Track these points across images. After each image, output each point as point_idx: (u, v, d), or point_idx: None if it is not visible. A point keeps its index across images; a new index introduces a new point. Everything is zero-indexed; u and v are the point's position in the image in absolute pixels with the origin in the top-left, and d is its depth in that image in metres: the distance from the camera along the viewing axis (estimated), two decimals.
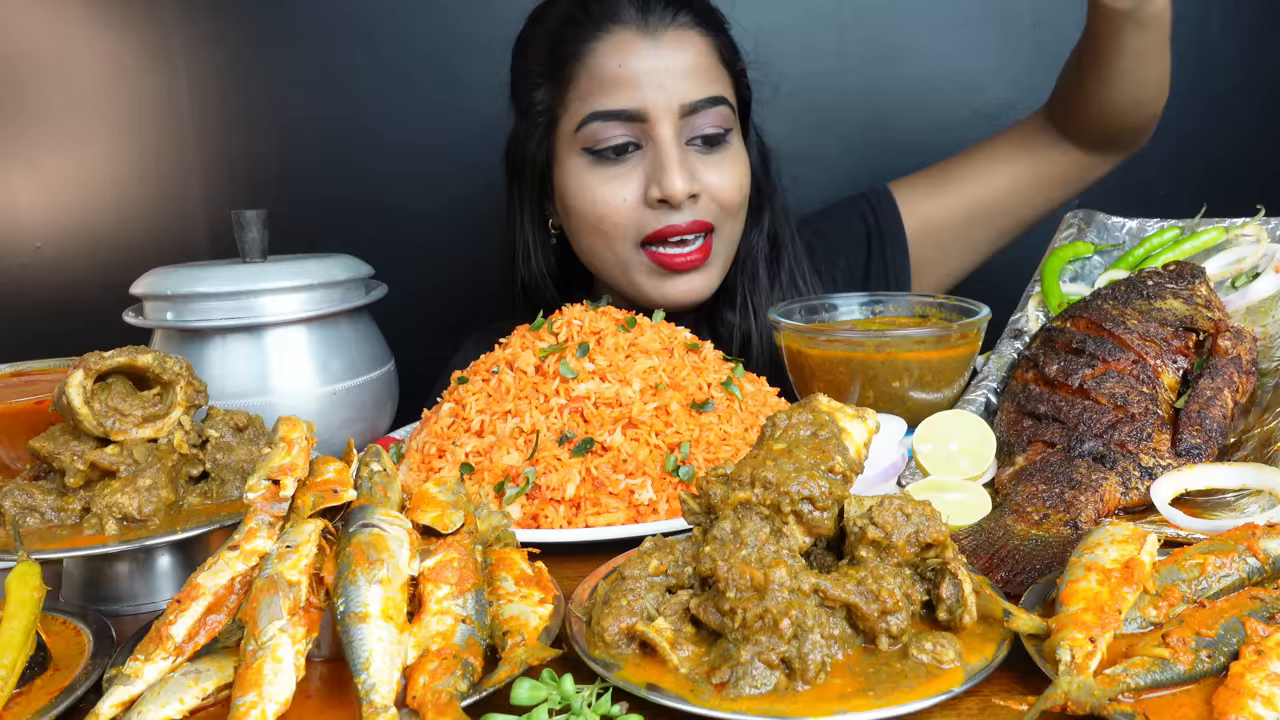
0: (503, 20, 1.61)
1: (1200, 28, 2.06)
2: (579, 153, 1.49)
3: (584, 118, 1.47)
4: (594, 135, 1.47)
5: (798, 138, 1.74)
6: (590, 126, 1.46)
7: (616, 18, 1.46)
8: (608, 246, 1.53)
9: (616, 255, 1.53)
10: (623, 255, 1.52)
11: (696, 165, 1.49)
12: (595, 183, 1.49)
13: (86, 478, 0.95)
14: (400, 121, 2.12)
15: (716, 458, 1.11)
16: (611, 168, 1.48)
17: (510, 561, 0.85)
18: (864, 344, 1.25)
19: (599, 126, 1.46)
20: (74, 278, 2.13)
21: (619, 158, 1.48)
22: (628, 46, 1.45)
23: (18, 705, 0.74)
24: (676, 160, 1.45)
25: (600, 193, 1.49)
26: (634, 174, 1.48)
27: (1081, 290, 1.36)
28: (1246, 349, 1.12)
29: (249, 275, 1.27)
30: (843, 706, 0.68)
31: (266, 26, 2.10)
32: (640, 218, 1.49)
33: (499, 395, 1.18)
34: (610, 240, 1.52)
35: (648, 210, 1.48)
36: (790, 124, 1.75)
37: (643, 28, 1.45)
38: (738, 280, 1.64)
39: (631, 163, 1.48)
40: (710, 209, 1.51)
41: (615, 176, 1.48)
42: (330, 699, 0.74)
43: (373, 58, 2.08)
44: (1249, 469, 0.97)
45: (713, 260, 1.53)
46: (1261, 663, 0.67)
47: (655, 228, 1.48)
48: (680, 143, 1.47)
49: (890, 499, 0.78)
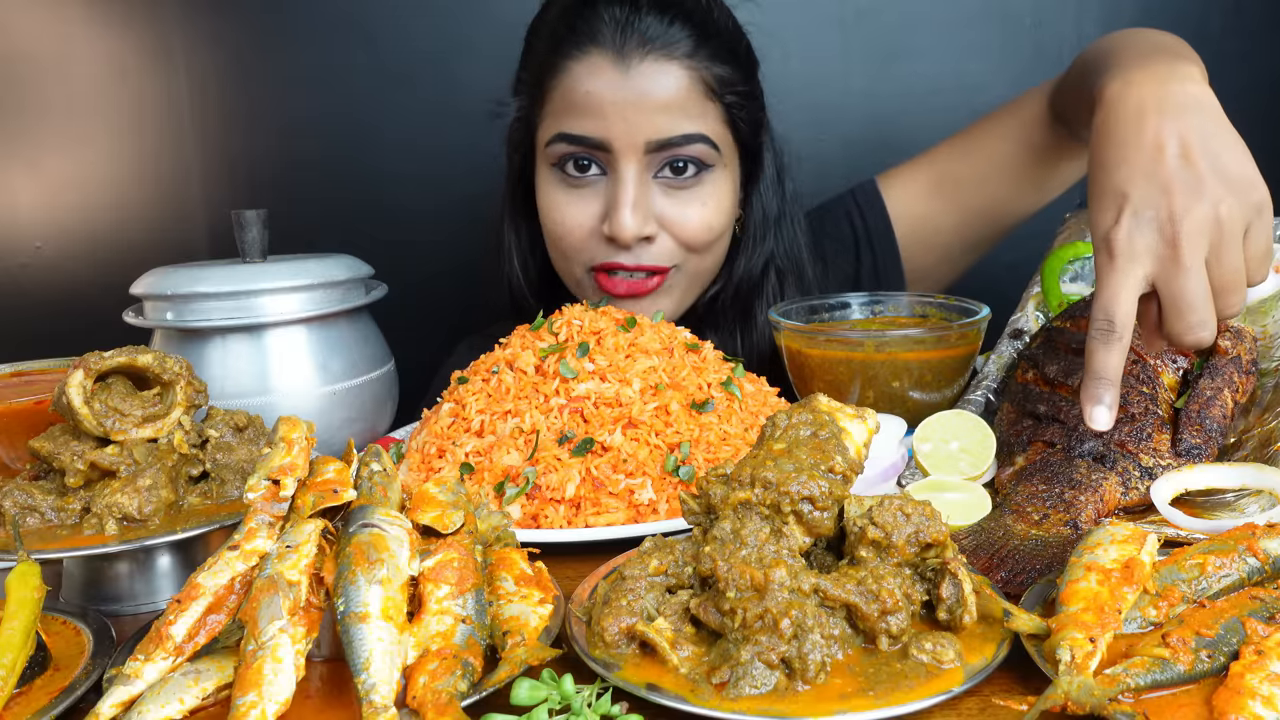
0: (502, 21, 1.61)
1: (1200, 28, 2.06)
2: (549, 167, 1.48)
3: (551, 136, 1.44)
4: (557, 154, 1.44)
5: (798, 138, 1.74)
6: (555, 146, 1.44)
7: (595, 39, 1.41)
8: (565, 264, 1.52)
9: (572, 274, 1.52)
10: (577, 274, 1.51)
11: (659, 200, 1.44)
12: (559, 201, 1.47)
13: (86, 478, 0.95)
14: (400, 121, 2.12)
15: (716, 458, 1.11)
16: (574, 190, 1.45)
17: (510, 561, 0.85)
18: (864, 344, 1.25)
19: (563, 148, 1.43)
20: (74, 278, 2.13)
21: (583, 175, 1.44)
22: (599, 73, 1.40)
23: (18, 705, 0.74)
24: (630, 201, 1.40)
25: (561, 212, 1.47)
26: (594, 200, 1.45)
27: (1081, 290, 1.36)
28: (1246, 349, 1.12)
29: (249, 275, 1.27)
30: (843, 706, 0.69)
31: (267, 27, 2.10)
32: (592, 246, 1.46)
33: (499, 395, 1.18)
34: (565, 258, 1.50)
35: (600, 240, 1.45)
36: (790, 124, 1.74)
37: (618, 55, 1.39)
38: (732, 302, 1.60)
39: (594, 186, 1.45)
40: (668, 249, 1.46)
41: (576, 200, 1.45)
42: (330, 699, 0.74)
43: (373, 58, 2.08)
44: (1249, 469, 0.97)
45: (666, 291, 1.49)
46: (1261, 663, 0.67)
47: (603, 260, 1.46)
48: (643, 178, 1.42)
49: (890, 499, 0.78)
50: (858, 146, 2.10)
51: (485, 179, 2.08)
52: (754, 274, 1.58)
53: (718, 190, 1.47)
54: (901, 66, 2.09)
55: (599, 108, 1.39)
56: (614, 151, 1.41)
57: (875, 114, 2.10)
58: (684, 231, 1.45)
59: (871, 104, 2.10)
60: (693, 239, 1.46)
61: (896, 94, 2.09)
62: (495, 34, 1.62)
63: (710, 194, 1.46)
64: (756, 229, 1.58)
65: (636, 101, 1.39)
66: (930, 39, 2.09)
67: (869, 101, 2.10)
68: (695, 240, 1.46)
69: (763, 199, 1.57)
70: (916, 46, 2.09)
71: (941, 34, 2.09)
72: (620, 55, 1.39)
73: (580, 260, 1.48)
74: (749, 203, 1.58)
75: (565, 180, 1.46)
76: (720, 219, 1.48)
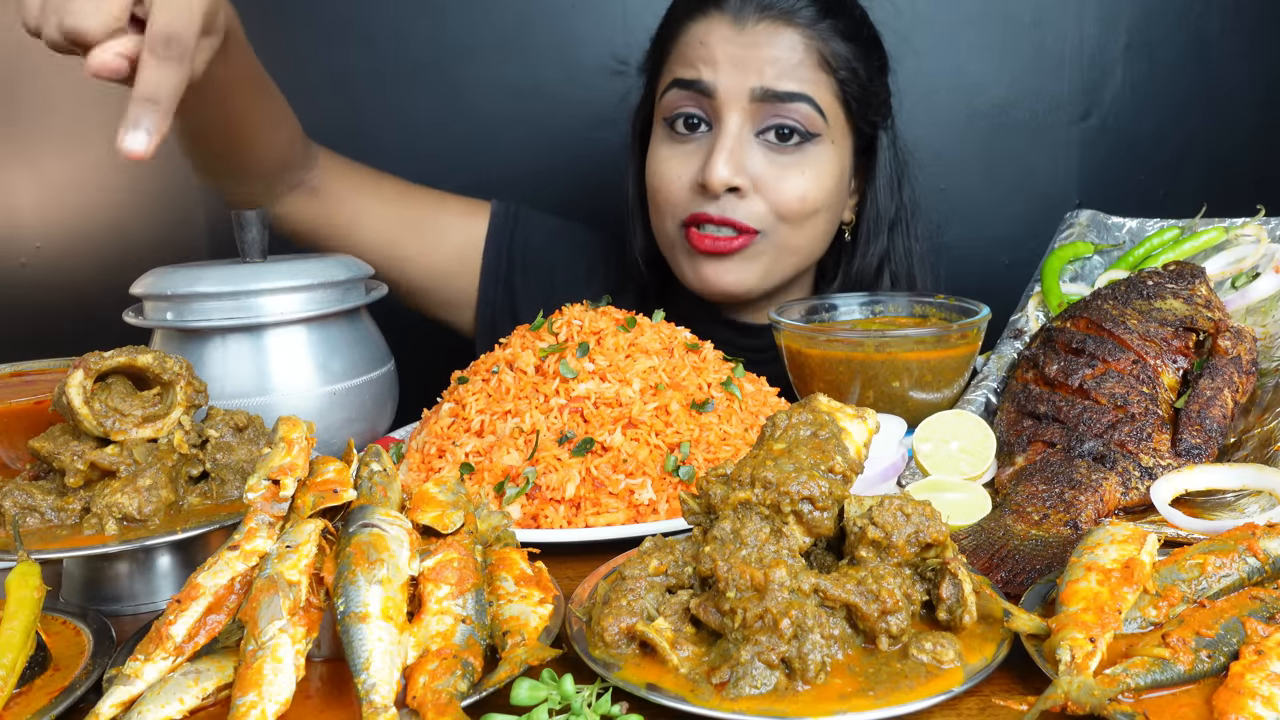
0: (503, 23, 1.62)
1: (1200, 28, 2.06)
2: (662, 123, 1.53)
3: (665, 86, 1.51)
4: (670, 104, 1.50)
5: None
6: (669, 95, 1.50)
7: (718, 4, 1.48)
8: (659, 220, 1.56)
9: (665, 231, 1.56)
10: (669, 232, 1.54)
11: (758, 159, 1.46)
12: (664, 156, 1.52)
13: (86, 478, 0.95)
14: (400, 123, 2.11)
15: (716, 458, 1.11)
16: (680, 145, 1.50)
17: (510, 561, 0.85)
18: (864, 344, 1.25)
19: (674, 95, 1.49)
20: (74, 278, 2.12)
21: (690, 134, 1.49)
22: (716, 29, 1.47)
23: (18, 705, 0.74)
24: (728, 148, 1.44)
25: (664, 166, 1.51)
26: (696, 155, 1.49)
27: (1081, 290, 1.36)
28: (1246, 349, 1.12)
29: (249, 275, 1.27)
30: (843, 706, 0.69)
31: (267, 27, 2.09)
32: (686, 199, 1.50)
33: (499, 395, 1.18)
34: (661, 214, 1.54)
35: (694, 193, 1.49)
36: None
37: (736, 16, 1.46)
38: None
39: (699, 142, 1.50)
40: (758, 213, 1.47)
41: (680, 154, 1.50)
42: (330, 699, 0.74)
43: (373, 59, 2.08)
44: (1249, 470, 0.97)
45: (751, 257, 1.50)
46: (1261, 663, 0.67)
47: (693, 211, 1.49)
48: (744, 132, 1.46)
49: (890, 499, 0.78)
50: None
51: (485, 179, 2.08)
52: (868, 272, 1.61)
53: (820, 164, 1.49)
54: (901, 66, 2.09)
55: (711, 57, 1.45)
56: (719, 98, 1.45)
57: None
58: (777, 196, 1.47)
59: None
60: (785, 205, 1.48)
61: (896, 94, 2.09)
62: (495, 36, 1.63)
63: (811, 165, 1.48)
64: (870, 226, 1.60)
65: (746, 54, 1.44)
66: (930, 39, 2.09)
67: None
68: (787, 207, 1.48)
69: (878, 197, 1.59)
70: (916, 46, 2.09)
71: (941, 34, 2.09)
72: (738, 16, 1.46)
73: (675, 214, 1.52)
74: (865, 199, 1.61)
75: (673, 137, 1.51)
76: (818, 193, 1.49)
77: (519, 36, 1.69)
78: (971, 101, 2.11)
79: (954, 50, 2.09)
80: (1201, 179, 2.13)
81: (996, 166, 2.14)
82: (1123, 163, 2.13)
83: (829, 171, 1.50)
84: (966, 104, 2.11)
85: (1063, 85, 2.09)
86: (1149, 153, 1.90)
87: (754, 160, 1.46)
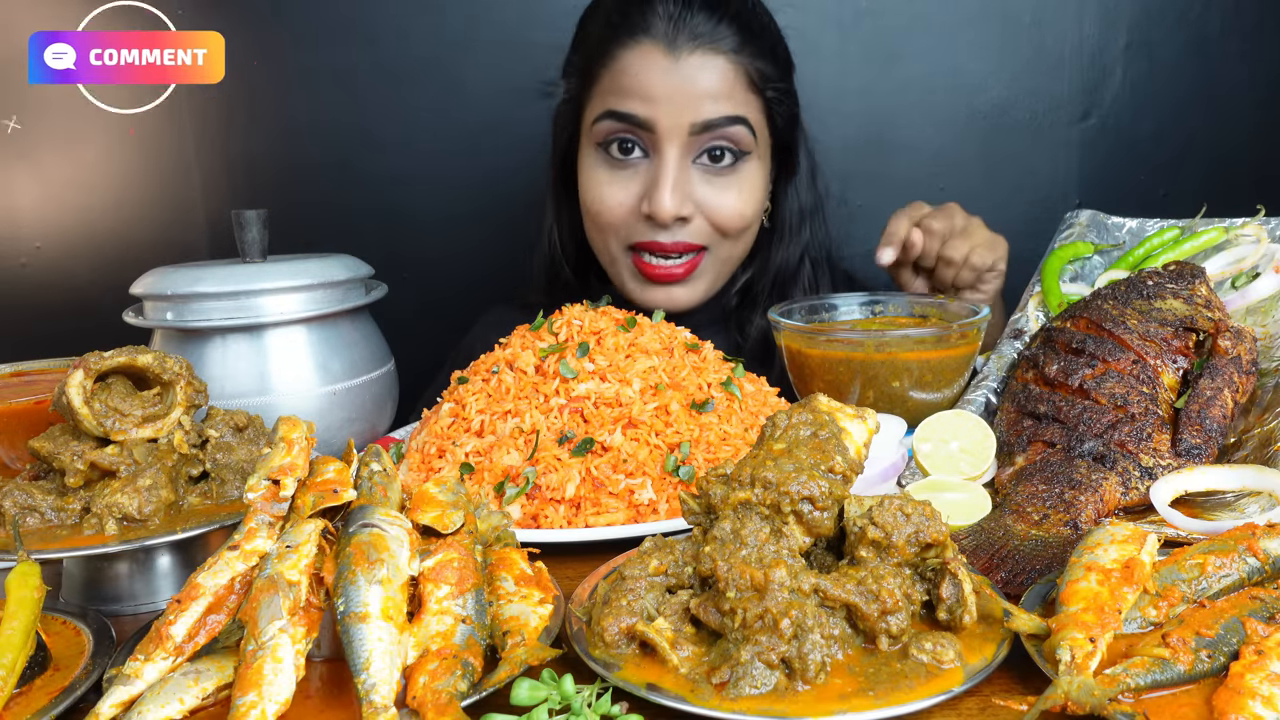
0: (503, 22, 1.61)
1: (1200, 28, 2.06)
2: (594, 147, 1.55)
3: (599, 114, 1.51)
4: (604, 131, 1.51)
5: None
6: (603, 123, 1.51)
7: (648, 30, 1.48)
8: (602, 240, 1.59)
9: (609, 251, 1.59)
10: (614, 253, 1.58)
11: (697, 185, 1.51)
12: (601, 179, 1.54)
13: (86, 478, 0.95)
14: (401, 122, 2.11)
15: (716, 458, 1.11)
16: (617, 170, 1.53)
17: (510, 561, 0.85)
18: (864, 344, 1.25)
19: (610, 125, 1.50)
20: (74, 278, 2.12)
21: (625, 158, 1.52)
22: (650, 60, 1.47)
23: (18, 705, 0.74)
24: (671, 180, 1.48)
25: (602, 190, 1.54)
26: (635, 180, 1.52)
27: (1081, 290, 1.36)
28: (1246, 349, 1.12)
29: (249, 275, 1.27)
30: (843, 706, 0.69)
31: (267, 27, 2.09)
32: (631, 225, 1.54)
33: (499, 395, 1.18)
34: (604, 236, 1.57)
35: (639, 220, 1.52)
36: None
37: (670, 45, 1.47)
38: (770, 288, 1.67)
39: (636, 168, 1.52)
40: (703, 230, 1.54)
41: (618, 179, 1.53)
42: (330, 699, 0.74)
43: (373, 58, 2.08)
44: (1248, 471, 0.97)
45: (698, 276, 1.57)
46: (1261, 663, 0.67)
47: (641, 239, 1.53)
48: (684, 161, 1.50)
49: (890, 499, 0.78)
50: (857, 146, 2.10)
51: (486, 178, 2.08)
52: (791, 263, 1.68)
53: (752, 179, 1.55)
54: (900, 67, 2.09)
55: (647, 91, 1.47)
56: (658, 133, 1.48)
57: (874, 114, 2.10)
58: (719, 215, 1.53)
59: (870, 104, 2.10)
60: (727, 223, 1.54)
61: (895, 94, 2.09)
62: (496, 35, 1.62)
63: (745, 182, 1.54)
64: (792, 221, 1.66)
65: (683, 88, 1.47)
66: (930, 39, 2.09)
67: (868, 101, 2.10)
68: (729, 225, 1.54)
69: (799, 193, 1.66)
70: (916, 46, 2.09)
71: (941, 34, 2.09)
72: (671, 46, 1.47)
73: (619, 237, 1.56)
74: (784, 196, 1.66)
75: (609, 161, 1.53)
76: (752, 207, 1.56)
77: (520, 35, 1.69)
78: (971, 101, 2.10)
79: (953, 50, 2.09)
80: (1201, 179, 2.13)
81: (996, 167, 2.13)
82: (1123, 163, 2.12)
83: (760, 185, 1.58)
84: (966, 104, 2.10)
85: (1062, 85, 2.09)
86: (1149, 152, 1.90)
87: (695, 186, 1.51)
